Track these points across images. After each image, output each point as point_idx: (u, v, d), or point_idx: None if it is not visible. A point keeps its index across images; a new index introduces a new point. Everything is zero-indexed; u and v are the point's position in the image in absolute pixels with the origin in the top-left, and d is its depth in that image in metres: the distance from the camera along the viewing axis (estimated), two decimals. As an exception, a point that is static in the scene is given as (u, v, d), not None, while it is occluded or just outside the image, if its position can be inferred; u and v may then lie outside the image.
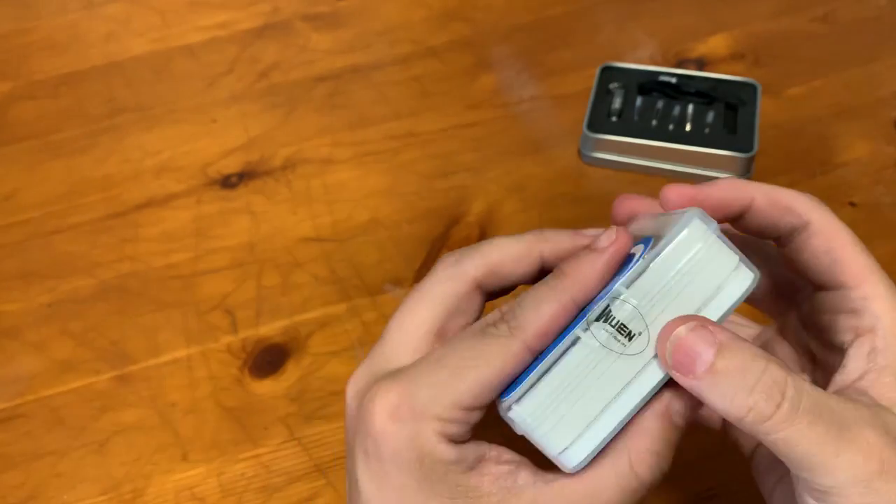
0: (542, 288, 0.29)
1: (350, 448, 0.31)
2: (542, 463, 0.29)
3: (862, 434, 0.26)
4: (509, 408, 0.28)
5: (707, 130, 0.60)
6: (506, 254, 0.32)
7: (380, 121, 0.65)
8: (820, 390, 0.27)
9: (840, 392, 0.29)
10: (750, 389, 0.26)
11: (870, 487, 0.25)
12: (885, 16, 0.71)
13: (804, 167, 0.60)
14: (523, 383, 0.28)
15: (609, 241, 0.29)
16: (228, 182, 0.62)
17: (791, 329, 0.35)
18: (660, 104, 0.62)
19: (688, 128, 0.60)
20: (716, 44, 0.70)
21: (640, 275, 0.27)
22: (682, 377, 0.27)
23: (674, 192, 0.31)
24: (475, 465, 0.29)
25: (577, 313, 0.29)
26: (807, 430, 0.26)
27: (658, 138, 0.59)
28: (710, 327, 0.27)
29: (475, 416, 0.29)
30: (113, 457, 0.47)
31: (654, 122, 0.61)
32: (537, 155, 0.62)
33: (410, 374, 0.29)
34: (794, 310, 0.35)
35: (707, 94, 0.62)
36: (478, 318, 0.32)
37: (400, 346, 0.31)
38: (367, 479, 0.29)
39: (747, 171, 0.59)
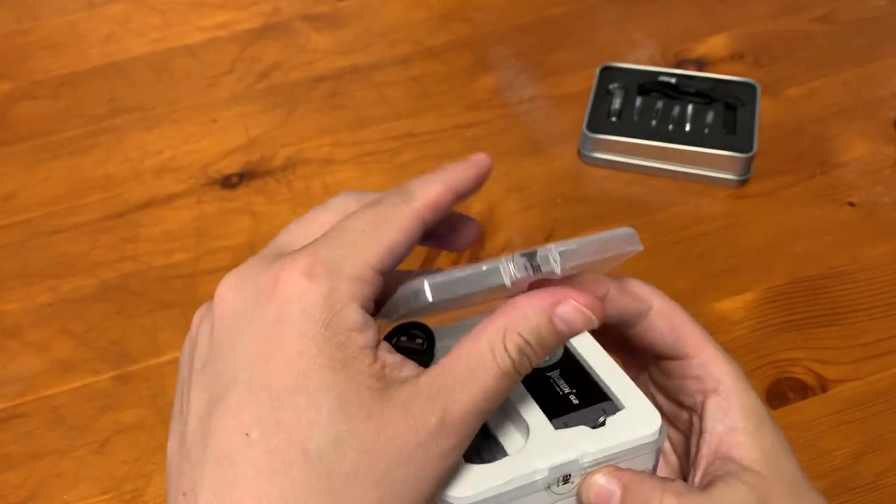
0: (426, 175, 0.31)
1: (223, 344, 0.28)
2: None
3: None
4: None
5: (706, 131, 0.60)
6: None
7: (380, 121, 0.65)
8: (703, 496, 0.31)
9: (712, 464, 0.33)
10: None
11: None
12: (885, 16, 0.71)
13: (803, 167, 0.60)
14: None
15: (478, 158, 0.32)
16: (229, 182, 0.62)
17: (644, 385, 0.38)
18: (659, 104, 0.62)
19: (687, 128, 0.61)
20: (715, 44, 0.70)
21: (599, 459, 0.33)
22: None
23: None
24: (374, 342, 0.28)
25: (456, 200, 0.32)
26: None
27: (657, 138, 0.60)
28: (617, 473, 0.32)
29: (380, 284, 0.29)
30: (113, 456, 0.47)
31: (653, 123, 0.61)
32: (537, 155, 0.62)
33: (316, 244, 0.29)
34: (644, 371, 0.38)
35: (706, 94, 0.62)
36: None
37: (297, 242, 0.30)
38: (251, 359, 0.27)
39: (747, 171, 0.59)
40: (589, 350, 0.37)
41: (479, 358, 0.28)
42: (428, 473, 0.27)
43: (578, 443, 0.33)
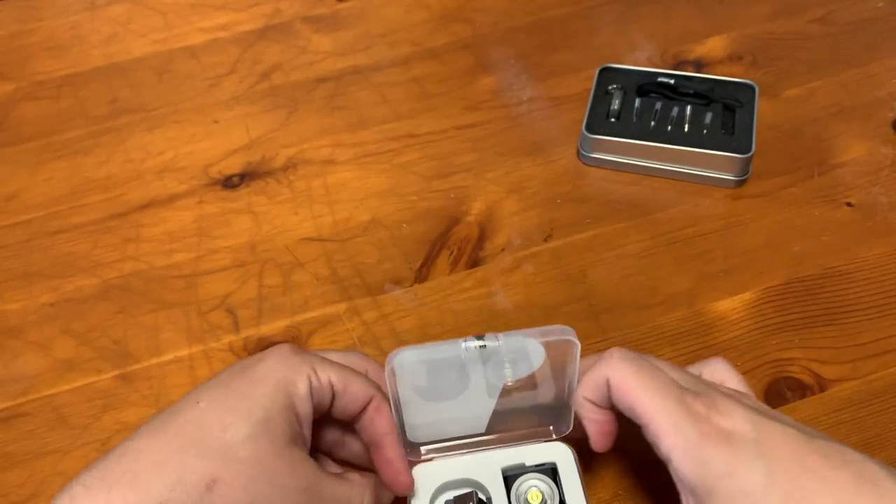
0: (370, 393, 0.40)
1: None
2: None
3: None
4: None
5: (705, 131, 0.60)
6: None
7: (380, 122, 0.65)
8: None
9: None
10: None
11: None
12: (883, 17, 0.71)
13: (802, 168, 0.60)
14: None
15: (400, 480, 0.40)
16: (230, 182, 0.62)
17: None
18: (658, 105, 0.62)
19: (686, 129, 0.61)
20: (714, 45, 0.70)
21: None
22: None
23: None
24: (306, 436, 0.37)
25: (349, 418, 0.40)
26: None
27: (656, 139, 0.60)
28: None
29: (327, 397, 0.38)
30: (115, 455, 0.48)
31: (652, 123, 0.61)
32: (536, 156, 0.62)
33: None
34: None
35: (705, 95, 0.62)
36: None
37: None
38: (217, 383, 0.37)
39: (745, 172, 0.59)
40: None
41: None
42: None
43: None
